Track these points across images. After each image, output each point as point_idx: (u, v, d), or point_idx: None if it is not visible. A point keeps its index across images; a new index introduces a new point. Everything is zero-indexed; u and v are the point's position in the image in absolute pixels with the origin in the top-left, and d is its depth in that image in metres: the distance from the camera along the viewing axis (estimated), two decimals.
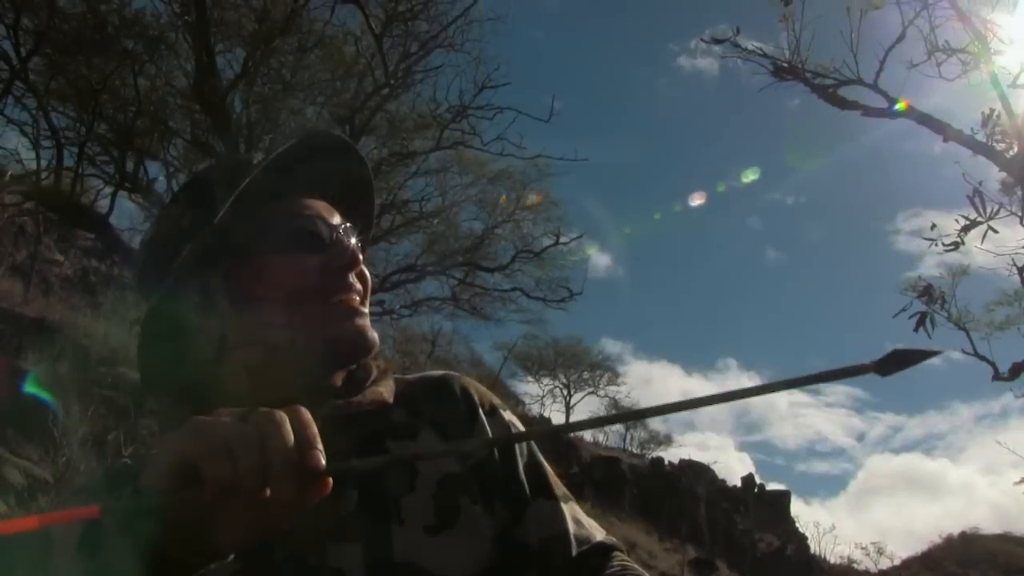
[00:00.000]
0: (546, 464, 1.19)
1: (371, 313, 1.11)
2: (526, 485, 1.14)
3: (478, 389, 1.21)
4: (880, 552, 28.37)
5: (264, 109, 13.12)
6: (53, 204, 11.06)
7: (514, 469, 1.14)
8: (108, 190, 13.05)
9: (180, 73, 12.89)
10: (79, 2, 11.41)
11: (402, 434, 1.11)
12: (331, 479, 0.71)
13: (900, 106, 9.96)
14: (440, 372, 1.24)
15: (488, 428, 1.15)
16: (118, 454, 7.08)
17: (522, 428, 1.20)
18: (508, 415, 1.20)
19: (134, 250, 12.91)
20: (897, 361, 0.61)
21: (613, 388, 37.49)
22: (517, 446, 1.17)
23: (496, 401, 1.21)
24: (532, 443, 1.19)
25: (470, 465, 1.10)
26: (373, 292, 1.13)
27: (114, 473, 1.06)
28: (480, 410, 1.17)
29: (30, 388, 7.54)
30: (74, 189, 11.15)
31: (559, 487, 1.18)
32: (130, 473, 1.00)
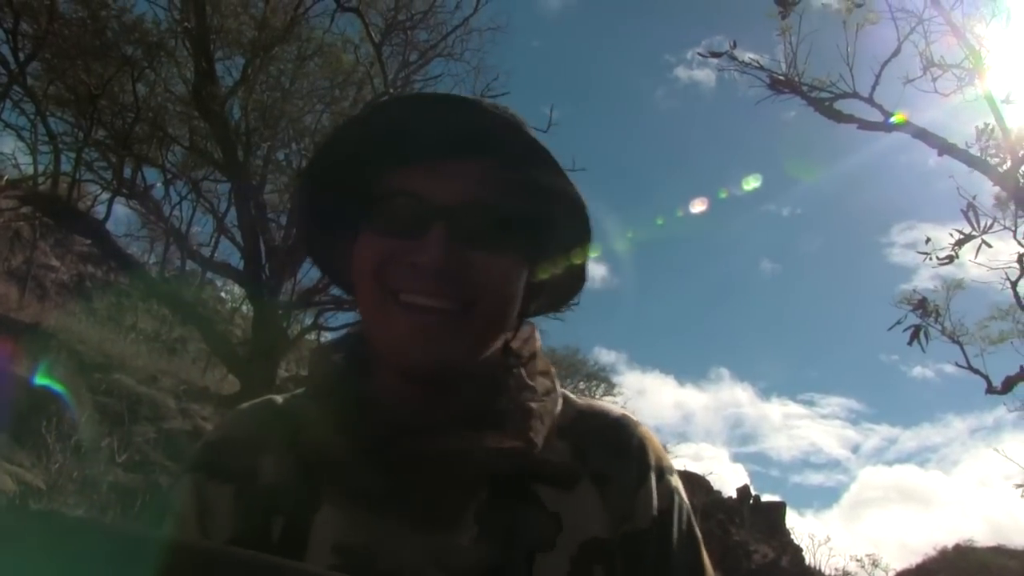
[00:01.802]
0: (699, 532, 1.04)
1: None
2: (678, 565, 0.99)
3: (655, 445, 1.04)
4: (875, 564, 28.28)
5: (263, 116, 13.14)
6: (50, 209, 11.04)
7: (668, 544, 0.99)
8: (105, 196, 13.07)
9: (179, 80, 12.91)
10: (79, 8, 11.43)
11: (557, 480, 0.97)
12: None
13: (899, 118, 10.00)
14: (618, 411, 1.07)
15: (655, 497, 0.99)
16: (111, 460, 7.08)
17: (685, 497, 1.04)
18: (675, 480, 1.03)
19: (131, 256, 12.92)
20: None
21: (609, 399, 37.54)
22: (676, 513, 1.01)
23: (667, 462, 1.05)
24: (688, 506, 1.03)
25: (622, 532, 0.96)
26: None
27: None
28: (652, 473, 1.00)
29: (41, 379, 7.55)
30: (71, 194, 11.13)
31: (707, 560, 1.03)
32: None
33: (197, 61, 11.15)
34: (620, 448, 1.01)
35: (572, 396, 1.07)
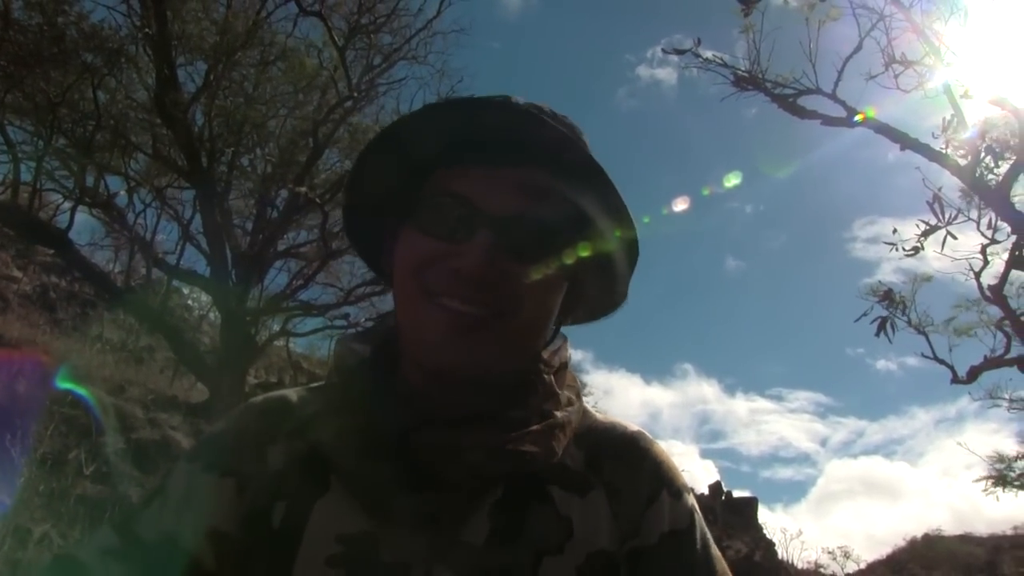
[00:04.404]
0: (717, 551, 1.02)
1: (335, 326, 0.97)
2: None
3: (669, 464, 1.03)
4: (847, 556, 28.62)
5: (226, 122, 13.00)
6: (10, 219, 10.85)
7: (686, 564, 0.98)
8: (68, 205, 12.85)
9: (141, 86, 12.74)
10: (35, 14, 11.23)
11: (572, 485, 0.97)
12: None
13: (868, 113, 10.10)
14: (635, 428, 1.06)
15: (667, 514, 0.98)
16: (79, 473, 6.97)
17: (700, 518, 1.02)
18: (691, 500, 1.03)
19: (95, 266, 12.73)
20: None
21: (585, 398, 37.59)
22: (696, 533, 1.00)
23: (682, 481, 1.03)
24: (705, 529, 1.02)
25: (628, 547, 0.96)
26: (338, 306, 1.01)
27: None
28: (665, 490, 1.00)
29: (63, 383, 7.47)
30: (32, 204, 10.94)
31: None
32: None
33: (159, 67, 11.01)
34: (634, 462, 1.01)
35: (591, 410, 1.09)
